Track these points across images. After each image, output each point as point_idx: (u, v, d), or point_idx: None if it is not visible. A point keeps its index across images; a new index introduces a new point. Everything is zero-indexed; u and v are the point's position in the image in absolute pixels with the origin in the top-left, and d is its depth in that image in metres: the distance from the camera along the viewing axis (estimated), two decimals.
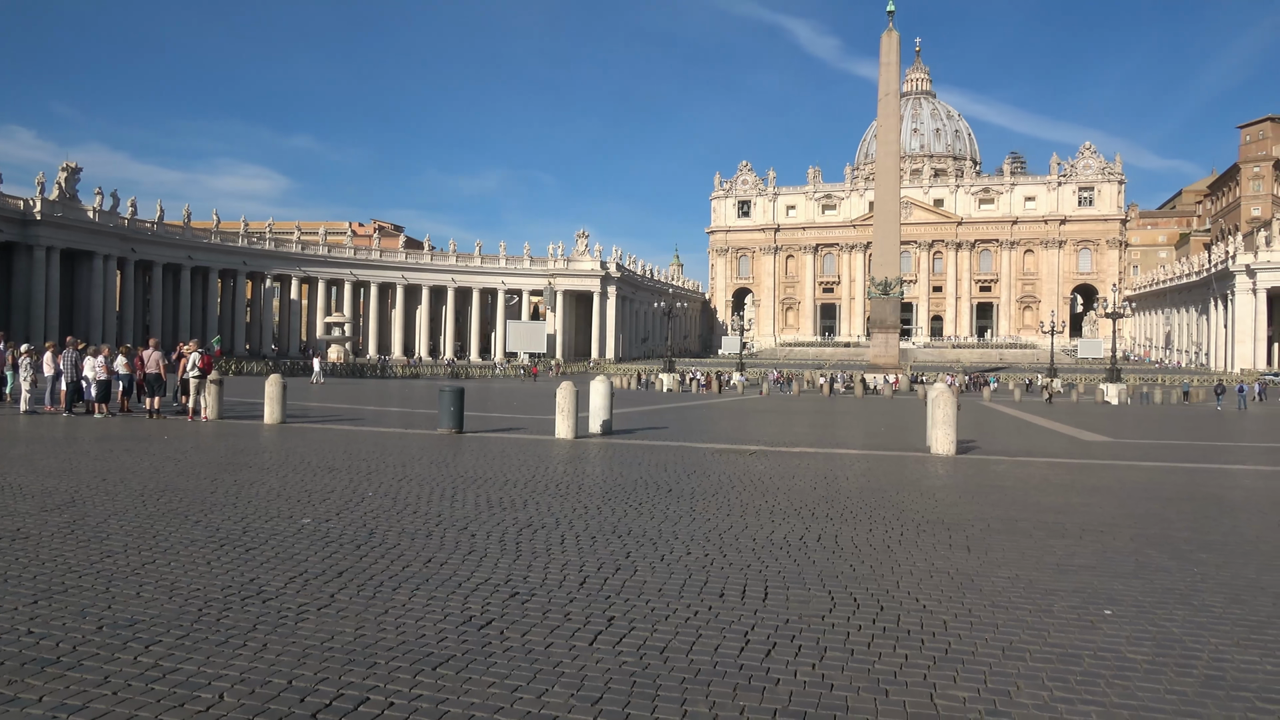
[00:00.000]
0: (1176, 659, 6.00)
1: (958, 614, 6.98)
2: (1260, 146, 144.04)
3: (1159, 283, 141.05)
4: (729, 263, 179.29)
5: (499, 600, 7.08)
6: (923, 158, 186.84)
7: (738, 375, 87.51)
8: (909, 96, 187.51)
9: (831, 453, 20.79)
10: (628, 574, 8.02)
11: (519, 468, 15.70)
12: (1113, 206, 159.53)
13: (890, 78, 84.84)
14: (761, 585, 7.75)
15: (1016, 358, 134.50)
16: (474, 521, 10.36)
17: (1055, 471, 18.03)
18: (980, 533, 10.42)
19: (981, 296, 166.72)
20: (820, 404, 53.92)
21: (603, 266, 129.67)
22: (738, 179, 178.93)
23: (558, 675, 5.46)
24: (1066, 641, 6.33)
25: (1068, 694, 5.32)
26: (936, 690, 5.35)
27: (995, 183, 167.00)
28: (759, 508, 11.90)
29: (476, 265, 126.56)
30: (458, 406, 22.48)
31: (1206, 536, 10.51)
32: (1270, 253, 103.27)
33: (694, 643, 6.13)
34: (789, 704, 5.10)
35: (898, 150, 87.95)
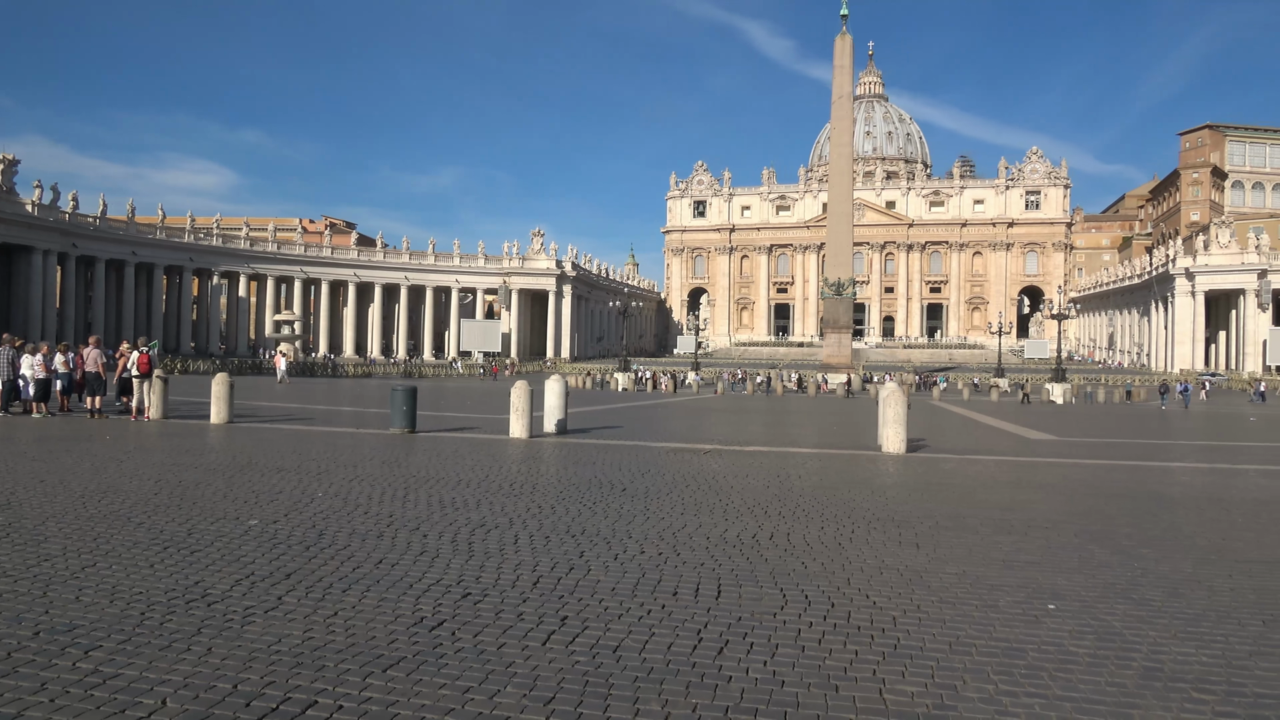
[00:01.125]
0: (1117, 651, 6.16)
1: (906, 610, 7.09)
2: (1199, 153, 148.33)
3: (1102, 285, 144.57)
4: (684, 262, 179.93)
5: (451, 601, 7.02)
6: (875, 160, 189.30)
7: (693, 374, 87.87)
8: (862, 99, 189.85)
9: (785, 451, 20.96)
10: (581, 573, 8.01)
11: (472, 467, 15.59)
12: (1058, 210, 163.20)
13: (843, 81, 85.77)
14: (714, 583, 7.78)
15: (966, 358, 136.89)
16: (426, 522, 10.26)
17: (1002, 469, 18.39)
18: (929, 530, 10.58)
19: (932, 297, 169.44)
20: (774, 403, 54.36)
21: (558, 265, 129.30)
22: (693, 179, 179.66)
23: (510, 676, 5.43)
24: (1012, 636, 6.46)
25: (1012, 687, 5.42)
26: (886, 685, 5.43)
27: (945, 185, 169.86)
28: (713, 506, 11.96)
29: (430, 264, 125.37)
30: (410, 406, 22.25)
31: (1147, 532, 10.79)
32: (1208, 257, 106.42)
33: (647, 641, 6.14)
34: (741, 701, 5.13)
35: (851, 152, 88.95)
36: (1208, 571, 8.72)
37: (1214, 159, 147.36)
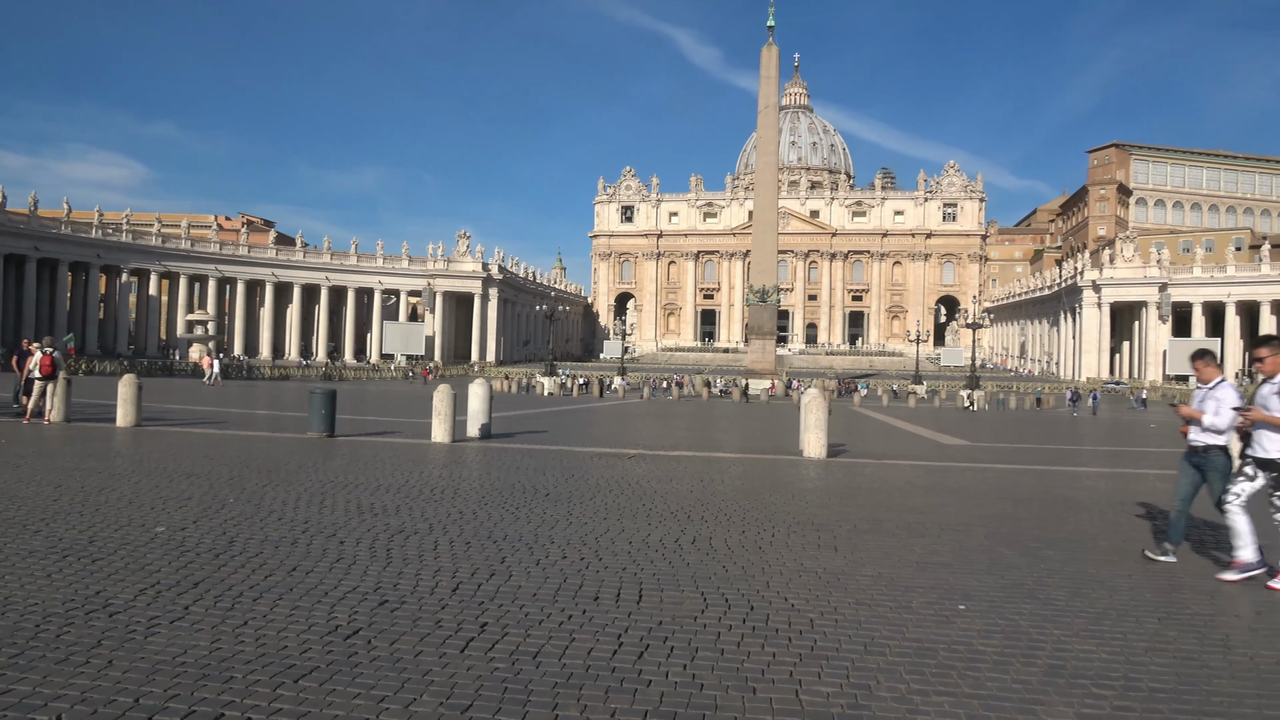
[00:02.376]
0: (1023, 650, 6.37)
1: (824, 612, 7.21)
2: (1106, 171, 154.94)
3: (1015, 295, 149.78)
4: (612, 267, 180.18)
5: (367, 608, 6.88)
6: (800, 170, 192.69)
7: (619, 379, 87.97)
8: (788, 110, 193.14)
9: (709, 456, 21.13)
10: (502, 579, 7.93)
11: (392, 472, 15.32)
12: (974, 223, 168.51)
13: (770, 91, 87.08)
14: (636, 588, 7.80)
15: (886, 364, 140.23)
16: (343, 528, 10.04)
17: (918, 474, 18.85)
18: (847, 533, 10.79)
19: (854, 305, 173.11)
20: (699, 408, 54.77)
21: (484, 268, 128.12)
22: (621, 184, 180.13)
23: (427, 684, 5.34)
24: (924, 636, 6.63)
25: (923, 686, 5.56)
26: (802, 686, 5.51)
27: (867, 196, 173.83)
28: (636, 511, 11.98)
29: (352, 264, 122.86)
30: (329, 409, 21.75)
31: (1053, 535, 11.19)
32: (1114, 270, 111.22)
33: (567, 646, 6.12)
34: (660, 705, 5.15)
35: (776, 162, 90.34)
36: (1109, 572, 9.08)
37: (1120, 176, 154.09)
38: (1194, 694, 5.57)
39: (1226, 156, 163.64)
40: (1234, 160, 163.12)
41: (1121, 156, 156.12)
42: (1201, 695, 5.55)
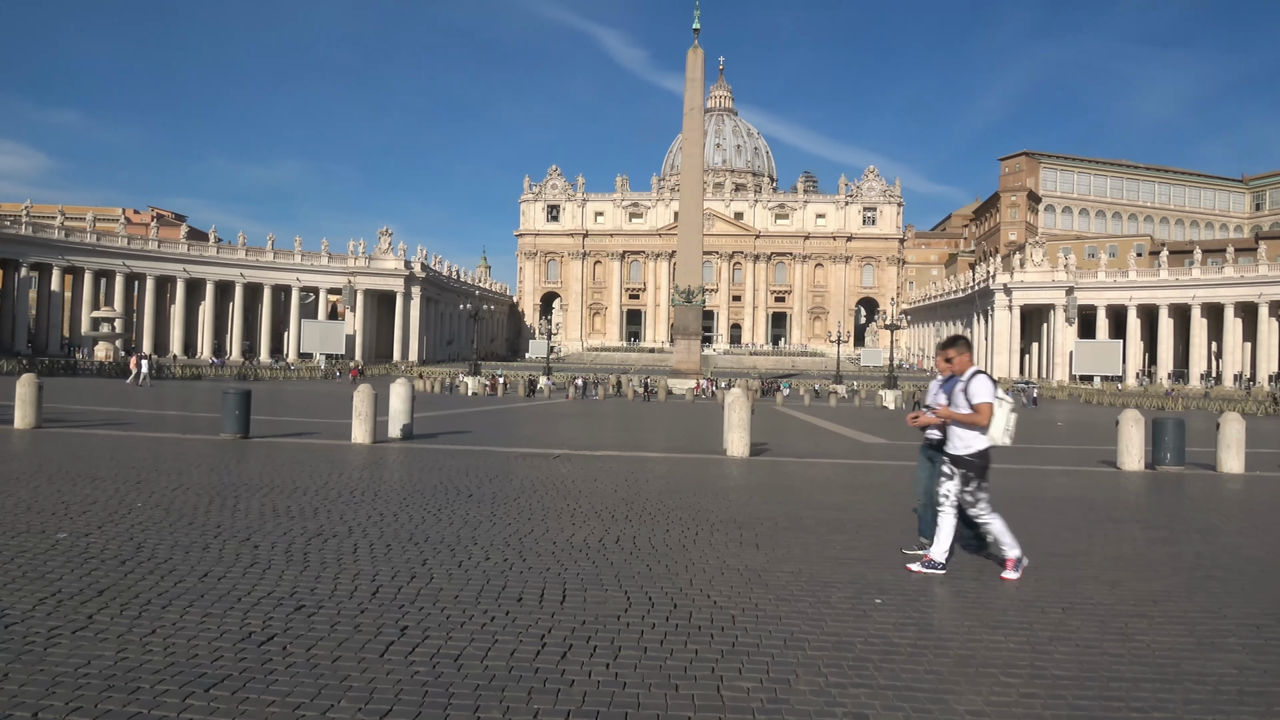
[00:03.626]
0: (935, 641, 6.57)
1: (745, 608, 7.32)
2: (1017, 178, 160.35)
3: (931, 298, 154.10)
4: (537, 266, 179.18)
5: (283, 614, 6.71)
6: (725, 172, 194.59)
7: (544, 379, 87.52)
8: (713, 113, 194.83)
9: (634, 456, 21.20)
10: (423, 582, 7.83)
11: (310, 474, 14.96)
12: (892, 227, 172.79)
13: (695, 93, 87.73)
14: (560, 588, 7.78)
15: (807, 365, 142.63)
16: (257, 532, 9.77)
17: (838, 471, 19.26)
18: (769, 530, 10.96)
19: (777, 306, 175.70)
20: (625, 408, 54.88)
21: (407, 266, 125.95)
22: (547, 183, 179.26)
23: (345, 690, 5.25)
24: (842, 630, 6.78)
25: (841, 679, 5.70)
26: (723, 682, 5.58)
27: (790, 199, 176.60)
28: (560, 511, 11.96)
29: (269, 260, 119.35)
30: (243, 410, 21.12)
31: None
32: (1024, 274, 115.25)
33: (490, 648, 6.08)
34: (582, 704, 5.15)
35: (701, 164, 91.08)
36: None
37: (1030, 184, 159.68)
38: (1095, 680, 5.83)
39: (1128, 166, 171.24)
40: (1135, 170, 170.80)
41: (1031, 164, 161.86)
42: (1102, 681, 5.81)
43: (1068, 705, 5.36)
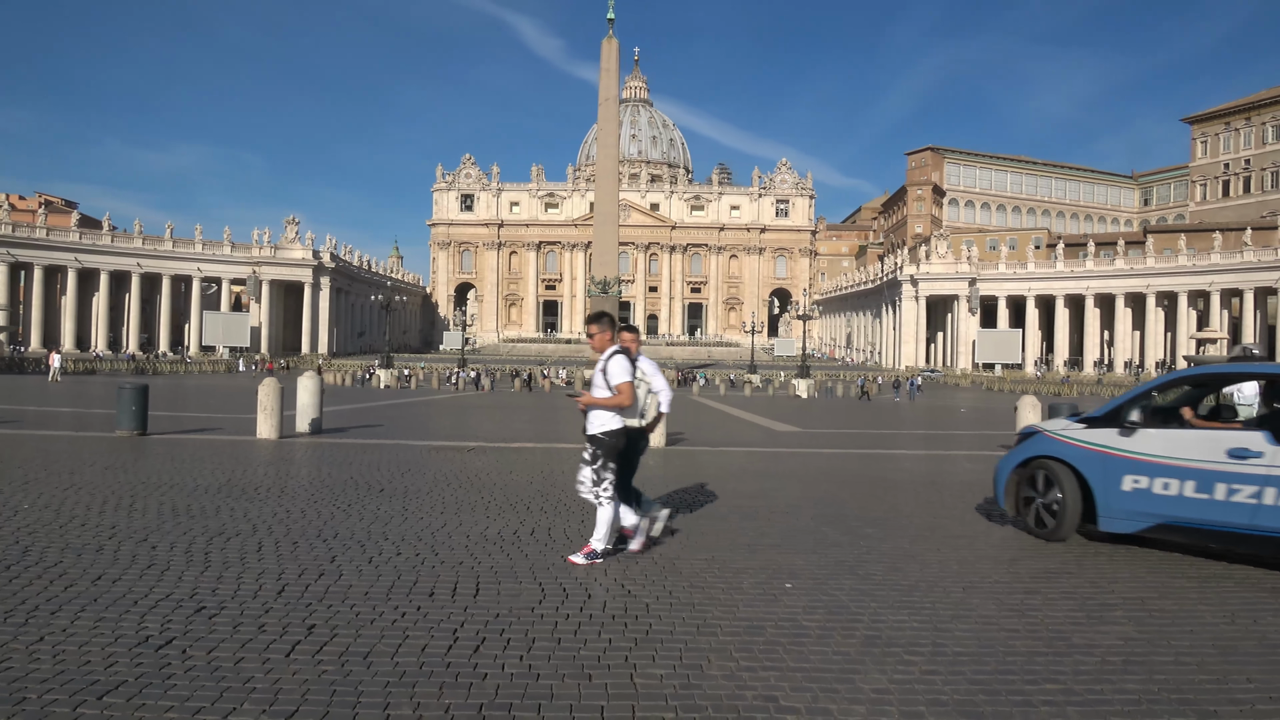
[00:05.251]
0: (843, 623, 6.74)
1: (659, 596, 7.38)
2: (923, 172, 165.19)
3: (842, 289, 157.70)
4: (451, 256, 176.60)
5: (182, 617, 6.48)
6: (640, 163, 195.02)
7: (460, 371, 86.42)
8: (628, 103, 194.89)
9: (550, 447, 21.12)
10: (332, 579, 7.66)
11: (212, 471, 14.45)
12: (805, 219, 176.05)
13: (610, 84, 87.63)
14: (473, 581, 7.71)
15: (723, 355, 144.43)
16: (155, 532, 9.39)
17: (751, 460, 19.57)
18: (683, 519, 11.07)
19: (693, 297, 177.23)
20: (541, 399, 54.64)
21: (315, 256, 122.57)
22: (461, 172, 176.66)
23: (248, 692, 5.10)
24: (753, 614, 6.90)
25: (751, 662, 5.80)
26: (637, 670, 5.62)
27: (705, 191, 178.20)
28: (474, 504, 11.84)
29: (168, 249, 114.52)
30: (140, 405, 20.26)
31: (872, 514, 11.89)
32: (929, 266, 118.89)
33: (400, 645, 5.98)
34: (495, 697, 5.12)
35: (617, 154, 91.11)
36: (921, 547, 9.74)
37: (935, 178, 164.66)
38: (993, 655, 6.07)
39: (1028, 162, 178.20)
40: (1034, 166, 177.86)
41: (936, 159, 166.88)
42: (999, 656, 6.06)
43: (966, 680, 5.57)
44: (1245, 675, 5.77)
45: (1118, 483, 9.66)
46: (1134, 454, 9.58)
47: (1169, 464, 9.29)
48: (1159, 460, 9.38)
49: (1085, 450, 10.03)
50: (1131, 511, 9.61)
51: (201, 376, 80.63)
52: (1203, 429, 9.52)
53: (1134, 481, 9.54)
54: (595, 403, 8.47)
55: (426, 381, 78.89)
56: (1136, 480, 9.52)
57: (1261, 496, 8.56)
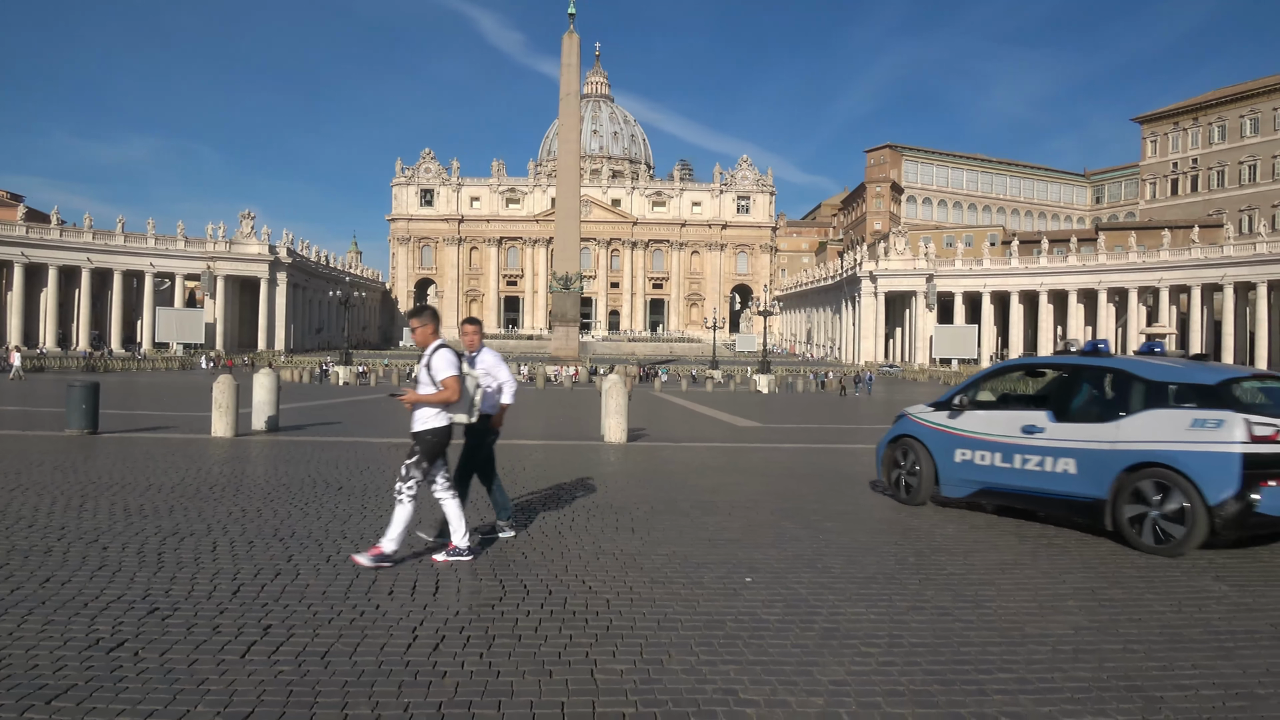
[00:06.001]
0: (802, 616, 6.81)
1: (620, 592, 7.39)
2: (881, 170, 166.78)
3: (802, 285, 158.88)
4: (411, 252, 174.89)
5: (134, 618, 6.36)
6: (602, 159, 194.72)
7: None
8: (589, 99, 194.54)
9: (510, 444, 20.98)
10: (289, 578, 7.56)
11: (166, 470, 14.19)
12: (765, 215, 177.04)
13: (571, 79, 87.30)
14: (433, 579, 7.67)
15: (685, 351, 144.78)
16: (106, 533, 9.21)
17: (713, 455, 19.65)
18: (644, 514, 11.10)
19: (654, 293, 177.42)
20: None
21: (271, 251, 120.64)
22: (420, 166, 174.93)
23: (202, 694, 5.02)
24: (713, 609, 6.94)
25: (711, 656, 5.84)
26: (597, 666, 5.63)
27: (667, 187, 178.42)
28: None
29: (119, 244, 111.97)
30: (91, 403, 19.82)
31: (831, 508, 12.02)
32: (888, 262, 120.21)
33: (359, 644, 5.93)
34: (455, 695, 5.10)
35: (578, 150, 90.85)
36: (880, 540, 9.87)
37: (894, 175, 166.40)
38: (948, 646, 6.18)
39: (984, 160, 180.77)
40: (990, 164, 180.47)
41: (895, 157, 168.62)
42: (954, 647, 6.16)
43: (922, 670, 5.66)
44: (1191, 662, 5.93)
45: (951, 456, 11.58)
46: (961, 431, 11.53)
47: (984, 439, 11.20)
48: (977, 436, 11.29)
49: (930, 429, 12.02)
50: (962, 480, 11.50)
51: (155, 374, 79.03)
52: (1005, 409, 11.48)
53: (962, 454, 11.45)
54: (421, 400, 8.07)
55: (386, 378, 78.15)
56: (964, 453, 11.44)
57: (1044, 465, 10.39)
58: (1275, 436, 9.09)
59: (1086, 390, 10.90)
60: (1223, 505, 8.90)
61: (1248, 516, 8.93)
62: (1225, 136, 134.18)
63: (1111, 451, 9.82)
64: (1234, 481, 8.90)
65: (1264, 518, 8.97)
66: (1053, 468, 10.30)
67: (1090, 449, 10.01)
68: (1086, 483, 9.98)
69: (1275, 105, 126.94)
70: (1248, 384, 10.25)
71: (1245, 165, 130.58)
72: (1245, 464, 8.91)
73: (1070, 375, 11.21)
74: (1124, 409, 10.01)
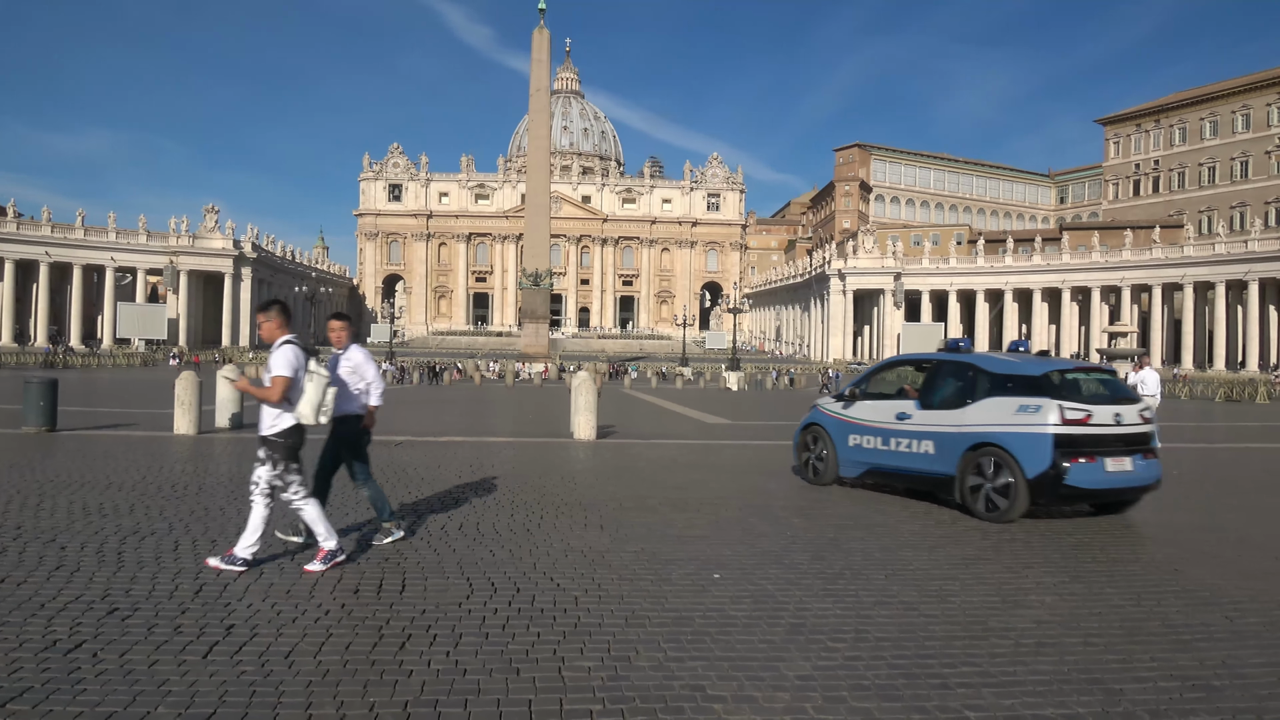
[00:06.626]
0: (769, 612, 6.85)
1: (588, 589, 7.39)
2: (850, 168, 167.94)
3: (772, 283, 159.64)
4: (379, 247, 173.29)
5: (93, 619, 6.25)
6: (572, 155, 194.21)
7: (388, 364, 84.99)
8: (560, 95, 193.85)
9: (480, 441, 20.94)
10: (252, 577, 7.47)
11: (127, 469, 13.95)
12: (735, 213, 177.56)
13: (541, 74, 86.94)
14: (399, 577, 7.61)
15: (655, 348, 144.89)
16: (65, 532, 9.04)
17: (682, 452, 19.69)
18: (613, 511, 11.09)
19: (624, 290, 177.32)
20: (472, 393, 54.08)
21: (236, 245, 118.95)
22: (388, 161, 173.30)
23: (163, 695, 4.95)
24: (681, 605, 6.96)
25: (679, 652, 5.85)
26: (565, 663, 5.62)
27: (637, 184, 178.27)
28: (402, 499, 11.67)
29: (79, 238, 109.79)
30: (49, 400, 19.43)
31: (797, 504, 12.09)
32: (856, 260, 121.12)
33: (323, 643, 5.88)
34: (421, 694, 5.07)
35: (548, 146, 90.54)
36: (845, 536, 9.95)
37: (862, 174, 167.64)
38: (913, 640, 6.24)
39: (950, 160, 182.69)
40: (956, 163, 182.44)
41: (863, 156, 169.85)
42: (919, 641, 6.23)
43: (887, 665, 5.71)
44: (1149, 654, 6.05)
45: (846, 440, 13.21)
46: (853, 419, 13.18)
47: (869, 425, 12.81)
48: (864, 423, 12.93)
49: (831, 417, 13.65)
50: (854, 461, 13.14)
51: (116, 370, 77.66)
52: (886, 399, 12.96)
53: (854, 439, 13.08)
54: (250, 391, 7.84)
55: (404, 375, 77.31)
56: (855, 438, 13.06)
57: (912, 446, 12.02)
58: (1084, 420, 10.66)
59: (947, 382, 12.30)
60: (1038, 478, 10.48)
61: (1059, 488, 10.49)
62: (1186, 138, 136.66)
63: (959, 434, 11.40)
64: (1047, 458, 10.44)
65: (1073, 489, 10.53)
66: (918, 449, 11.94)
67: (945, 432, 11.61)
68: (942, 461, 11.57)
69: (1234, 108, 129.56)
70: (1071, 375, 11.82)
71: (1205, 167, 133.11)
72: (1056, 443, 10.45)
73: (934, 369, 12.75)
74: (971, 397, 11.57)
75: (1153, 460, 11.22)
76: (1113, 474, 10.71)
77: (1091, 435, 10.68)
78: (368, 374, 8.95)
